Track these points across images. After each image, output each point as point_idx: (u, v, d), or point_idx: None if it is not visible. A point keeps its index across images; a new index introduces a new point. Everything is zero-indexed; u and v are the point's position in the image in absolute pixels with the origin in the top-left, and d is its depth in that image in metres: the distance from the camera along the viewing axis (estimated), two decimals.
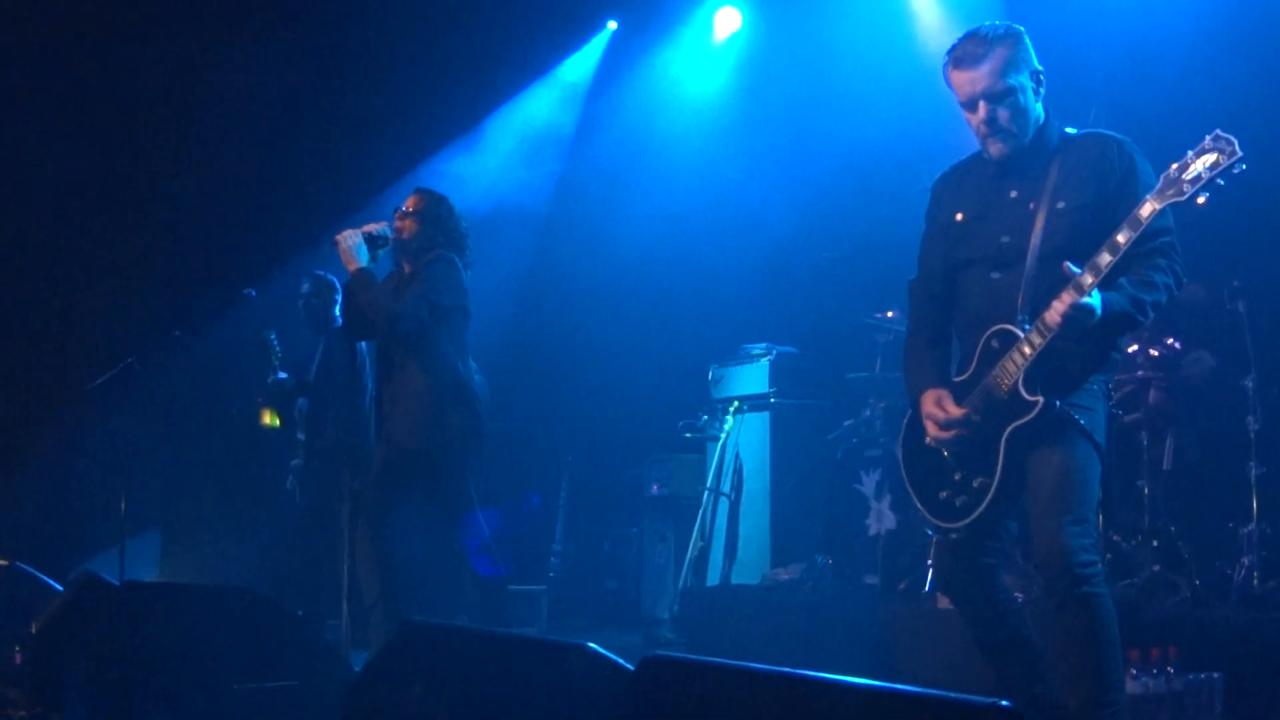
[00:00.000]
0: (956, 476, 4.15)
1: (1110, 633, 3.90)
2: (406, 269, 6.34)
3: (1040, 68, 4.22)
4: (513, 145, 10.47)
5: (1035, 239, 4.07)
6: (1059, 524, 3.87)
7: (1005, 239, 4.16)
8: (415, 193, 6.49)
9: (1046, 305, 3.90)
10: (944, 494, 4.18)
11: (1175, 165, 3.76)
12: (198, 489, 9.26)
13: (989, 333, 4.11)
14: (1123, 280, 3.91)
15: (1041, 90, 4.20)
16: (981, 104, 4.14)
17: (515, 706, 3.19)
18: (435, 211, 6.38)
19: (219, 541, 8.88)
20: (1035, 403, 3.93)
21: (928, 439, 4.22)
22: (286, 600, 5.27)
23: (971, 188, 4.36)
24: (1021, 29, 4.22)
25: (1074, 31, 7.48)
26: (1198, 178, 3.70)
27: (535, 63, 10.42)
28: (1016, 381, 3.97)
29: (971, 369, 4.17)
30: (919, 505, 4.28)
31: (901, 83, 8.35)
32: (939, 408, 4.17)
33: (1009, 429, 3.98)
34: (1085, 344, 3.99)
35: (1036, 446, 3.98)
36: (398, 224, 6.35)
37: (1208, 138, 3.74)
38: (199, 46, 8.94)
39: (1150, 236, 3.88)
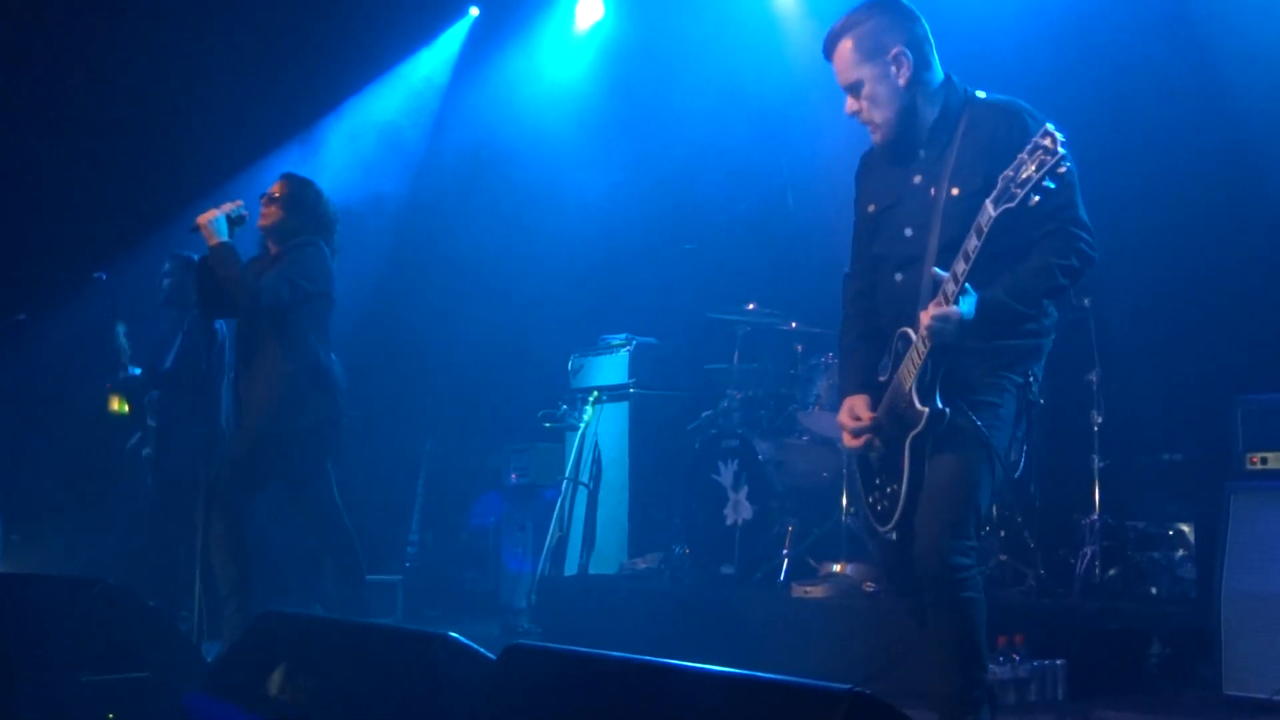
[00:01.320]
0: (877, 481, 4.12)
1: (977, 635, 3.92)
2: (273, 250, 6.26)
3: (909, 37, 4.02)
4: (370, 131, 10.37)
5: (934, 234, 3.95)
6: (935, 530, 3.86)
7: (908, 232, 4.04)
8: (281, 178, 6.39)
9: None
10: (872, 498, 4.15)
11: (1010, 167, 3.59)
12: (42, 477, 9.02)
13: (896, 335, 4.02)
14: (1017, 268, 3.81)
15: (908, 69, 4.00)
16: (849, 98, 4.07)
17: (377, 697, 3.17)
18: (301, 195, 6.30)
19: (64, 531, 8.65)
20: (923, 413, 3.85)
21: (847, 447, 4.18)
22: (137, 590, 5.14)
23: (884, 175, 4.21)
24: (890, 5, 4.06)
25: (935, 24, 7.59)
26: (1028, 180, 3.53)
27: (397, 46, 10.33)
28: (910, 388, 3.89)
29: (889, 371, 4.06)
30: (866, 509, 4.22)
31: (761, 73, 8.45)
32: (850, 417, 4.11)
33: (909, 436, 3.93)
34: (978, 342, 3.88)
35: (934, 451, 3.92)
36: (264, 209, 6.26)
37: (1037, 135, 3.55)
38: (47, 22, 8.69)
39: (1048, 217, 3.77)
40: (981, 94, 4.10)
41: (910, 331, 3.92)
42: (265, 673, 3.65)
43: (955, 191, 3.94)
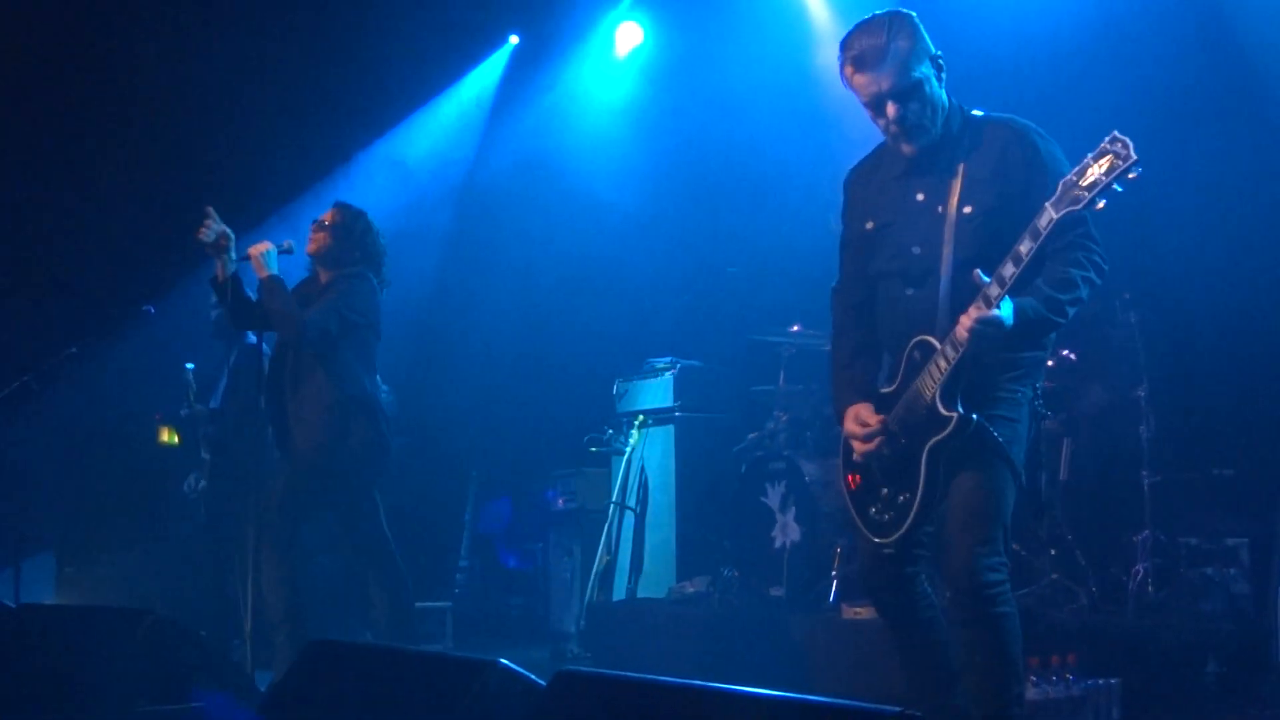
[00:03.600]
0: (884, 492, 4.09)
1: (1013, 650, 3.92)
2: (322, 277, 6.31)
3: (938, 51, 4.06)
4: (413, 160, 10.44)
5: (947, 251, 3.96)
6: (968, 545, 3.87)
7: (916, 249, 4.05)
8: (334, 206, 6.45)
9: None
10: (874, 509, 4.12)
11: (1074, 171, 3.61)
12: (95, 510, 9.09)
13: (911, 344, 4.01)
14: (1039, 281, 3.83)
15: (944, 75, 4.05)
16: (891, 104, 3.98)
17: None
18: (351, 225, 6.35)
19: (117, 563, 8.71)
20: (950, 418, 3.86)
21: (854, 455, 4.16)
22: (189, 621, 5.19)
23: (880, 190, 4.22)
24: (913, 13, 4.05)
25: (978, 26, 7.60)
26: (1095, 184, 3.55)
27: (439, 75, 10.40)
28: (934, 396, 3.89)
29: (898, 381, 4.08)
30: (856, 520, 4.21)
31: (802, 93, 8.44)
32: (858, 424, 4.11)
33: (929, 444, 3.92)
34: (1005, 353, 3.92)
35: (955, 462, 3.92)
36: (313, 235, 6.32)
37: (1105, 140, 3.58)
38: (101, 56, 8.80)
39: (1064, 230, 3.75)
40: (978, 112, 4.14)
41: (932, 340, 3.93)
42: (317, 702, 3.67)
43: (968, 210, 3.96)
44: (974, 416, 3.87)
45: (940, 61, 4.05)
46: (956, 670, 4.13)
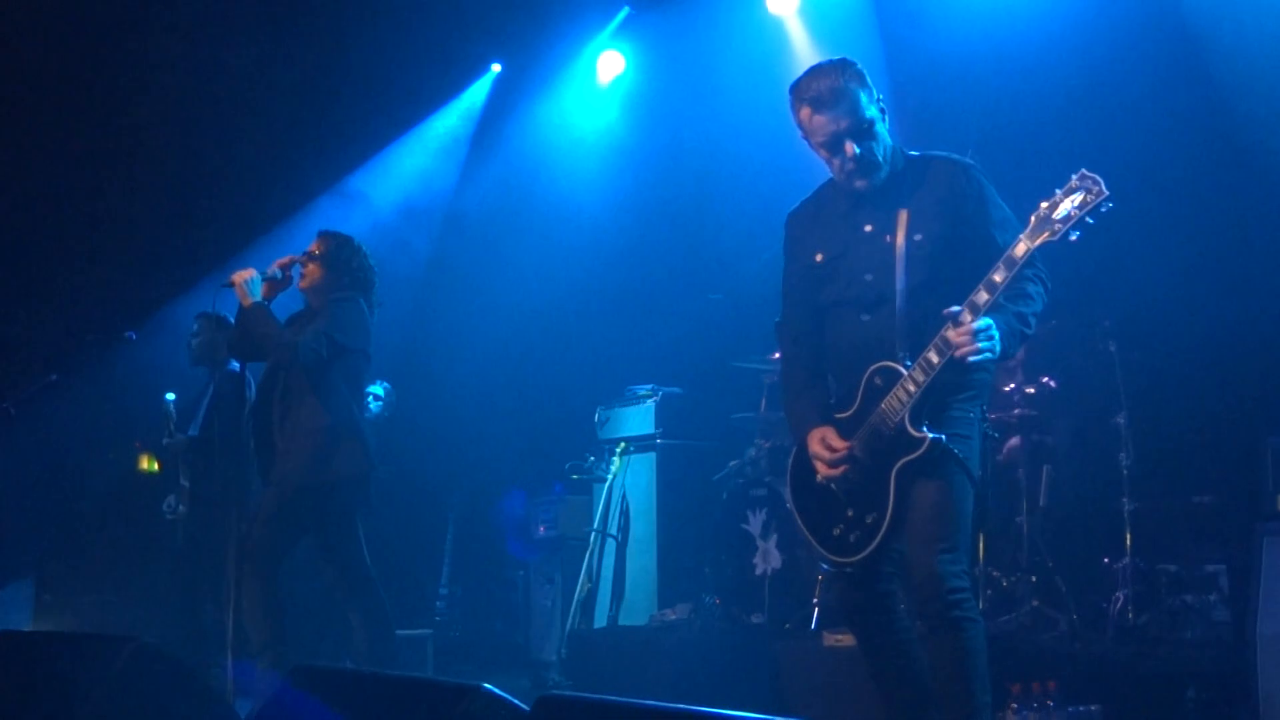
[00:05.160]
0: (849, 513, 4.18)
1: (978, 657, 4.00)
2: (315, 307, 6.32)
3: (880, 94, 4.25)
4: (397, 186, 10.45)
5: (899, 276, 4.13)
6: (932, 552, 3.97)
7: (869, 277, 4.20)
8: (320, 236, 6.44)
9: (924, 342, 3.98)
10: (837, 530, 4.20)
11: (1045, 204, 3.81)
12: (73, 536, 9.05)
13: (871, 370, 4.13)
14: (999, 299, 3.97)
15: (886, 117, 4.25)
16: (849, 143, 4.15)
17: None
18: (339, 254, 6.36)
19: (96, 590, 8.68)
20: (923, 440, 3.98)
21: (818, 477, 4.24)
22: (170, 648, 5.16)
23: (826, 225, 4.38)
24: (856, 61, 4.26)
25: (946, 55, 7.67)
26: (1068, 216, 3.75)
27: (420, 103, 10.43)
28: (903, 418, 4.01)
29: (855, 406, 4.19)
30: (813, 542, 4.30)
31: (784, 121, 8.46)
32: (824, 446, 4.19)
33: (898, 464, 4.03)
34: (961, 374, 4.05)
35: (918, 478, 4.04)
36: (304, 268, 6.32)
37: (1074, 177, 3.79)
38: (79, 83, 8.80)
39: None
40: (914, 152, 4.33)
41: (895, 365, 4.07)
42: None
43: (918, 238, 4.15)
44: (942, 437, 4.01)
45: (883, 105, 4.26)
46: (931, 692, 4.17)
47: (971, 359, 3.89)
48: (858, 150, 4.15)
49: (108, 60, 8.80)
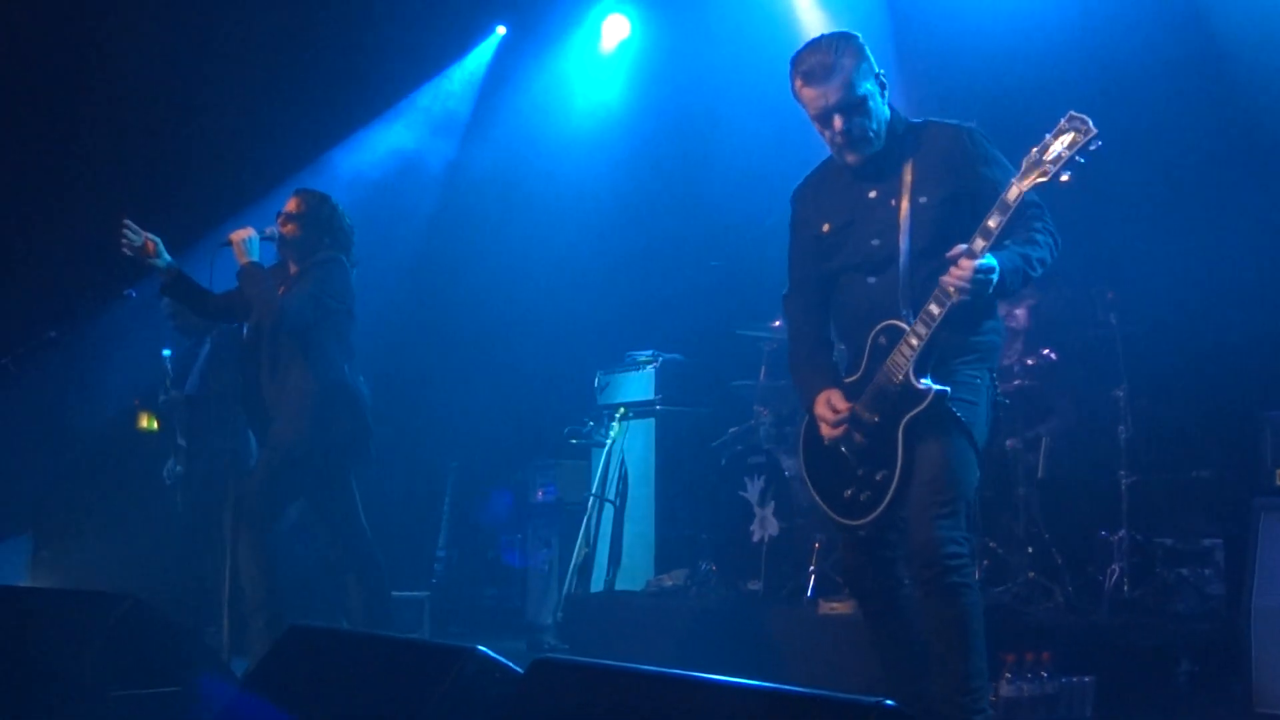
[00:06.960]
0: (859, 473, 4.19)
1: (975, 624, 4.00)
2: (293, 269, 6.29)
3: (881, 69, 4.29)
4: (397, 149, 10.40)
5: (904, 238, 4.15)
6: (930, 516, 3.99)
7: (875, 242, 4.23)
8: (296, 194, 6.40)
9: (926, 299, 4.00)
10: (848, 492, 4.22)
11: (1035, 148, 3.86)
12: (70, 493, 9.05)
13: (876, 330, 4.17)
14: (1007, 243, 4.01)
15: (886, 92, 4.28)
16: (837, 117, 4.21)
17: (405, 711, 3.17)
18: (318, 212, 6.32)
19: (93, 547, 8.67)
20: (927, 391, 4.00)
21: (824, 439, 4.27)
22: (165, 606, 5.16)
23: (831, 195, 4.42)
24: (858, 34, 4.28)
25: (954, 29, 7.63)
26: (1058, 157, 3.81)
27: (424, 65, 10.37)
28: (907, 372, 4.02)
29: (862, 368, 4.24)
30: (824, 507, 4.31)
31: (788, 90, 8.43)
32: (829, 409, 4.23)
33: (905, 419, 4.05)
34: (965, 334, 4.10)
35: (922, 440, 4.05)
36: (281, 229, 6.29)
37: (1063, 119, 3.86)
38: (72, 49, 8.75)
39: (1024, 208, 3.98)
40: (917, 120, 4.36)
41: (898, 323, 4.10)
42: (294, 687, 3.66)
43: (923, 200, 4.18)
44: (947, 389, 4.03)
45: (883, 79, 4.28)
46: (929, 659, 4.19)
47: (970, 291, 3.88)
48: (845, 126, 4.20)
49: (113, 9, 8.75)
